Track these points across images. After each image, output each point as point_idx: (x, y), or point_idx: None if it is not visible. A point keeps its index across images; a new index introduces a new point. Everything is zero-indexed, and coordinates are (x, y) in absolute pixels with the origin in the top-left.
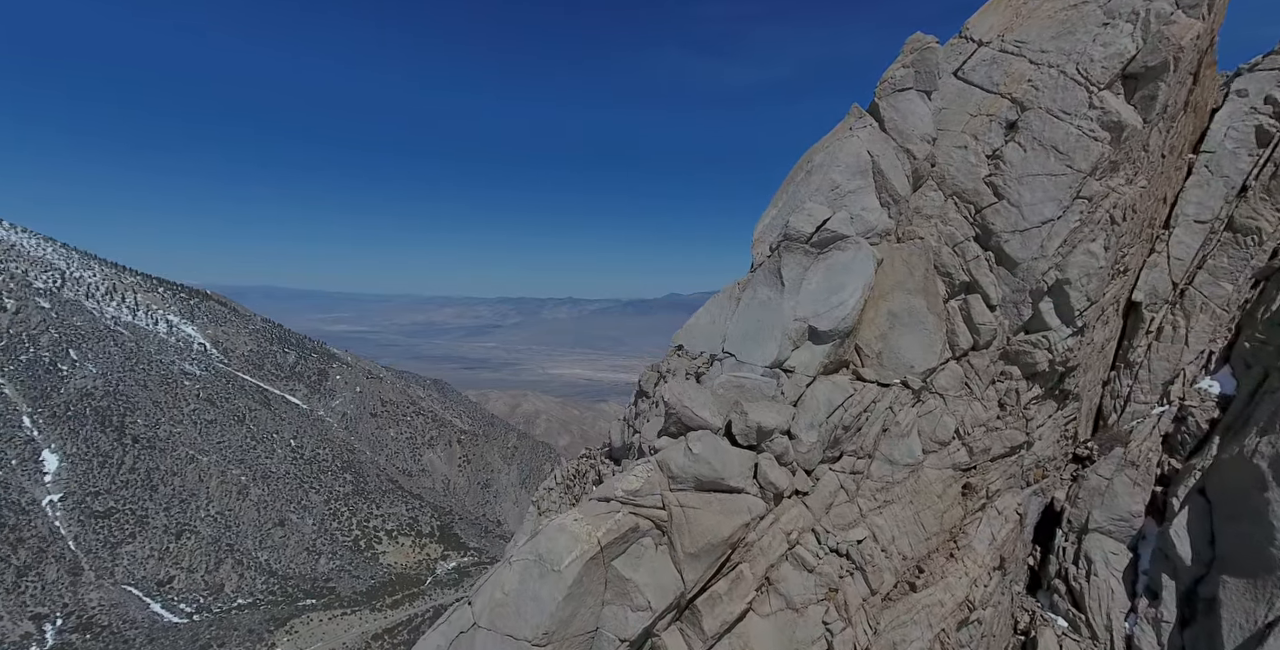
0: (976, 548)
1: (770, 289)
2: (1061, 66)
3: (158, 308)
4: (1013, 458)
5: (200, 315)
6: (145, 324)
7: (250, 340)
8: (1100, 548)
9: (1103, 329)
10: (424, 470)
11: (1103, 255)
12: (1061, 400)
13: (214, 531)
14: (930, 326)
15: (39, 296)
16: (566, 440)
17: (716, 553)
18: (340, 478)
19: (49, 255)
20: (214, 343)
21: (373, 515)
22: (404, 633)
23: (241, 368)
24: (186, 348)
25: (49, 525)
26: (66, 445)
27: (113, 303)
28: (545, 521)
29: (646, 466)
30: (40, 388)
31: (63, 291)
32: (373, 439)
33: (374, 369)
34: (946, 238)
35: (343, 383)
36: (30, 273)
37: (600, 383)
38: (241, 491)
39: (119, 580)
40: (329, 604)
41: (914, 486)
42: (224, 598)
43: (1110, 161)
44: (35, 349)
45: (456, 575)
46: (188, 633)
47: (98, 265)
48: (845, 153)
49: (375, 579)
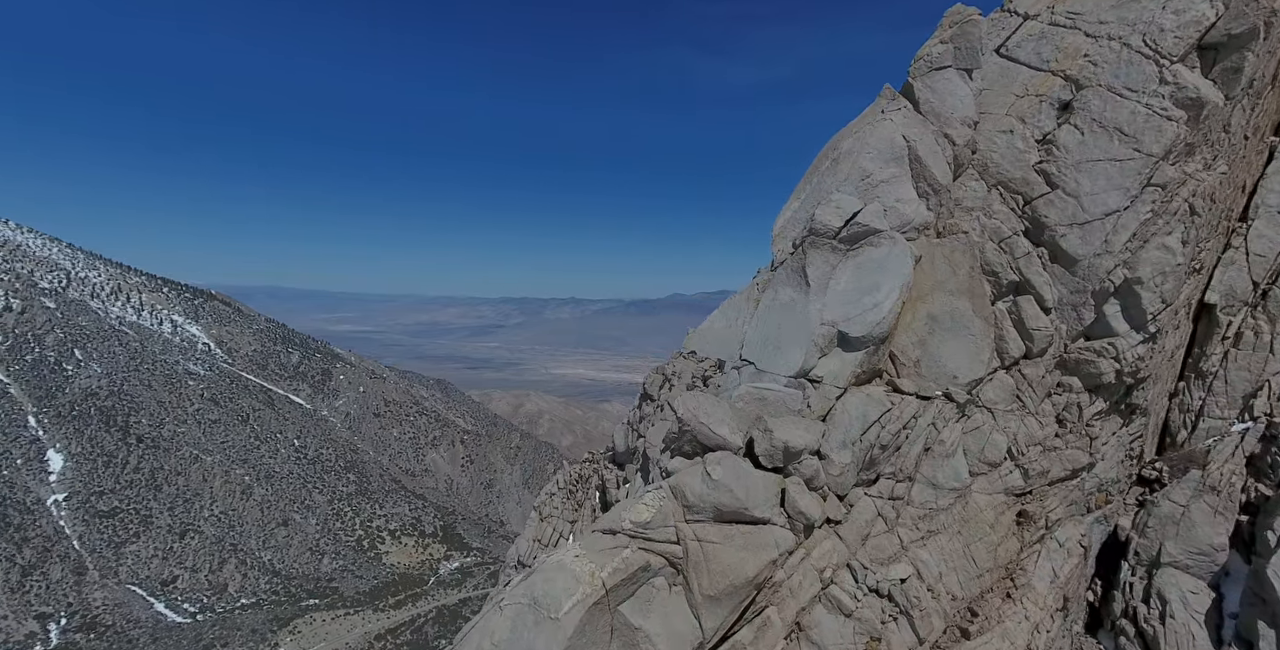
0: (1036, 586)
1: (794, 290)
2: (1124, 38)
3: (162, 308)
4: (1074, 481)
5: (204, 315)
6: (150, 324)
7: (254, 340)
8: (1176, 585)
9: (1173, 335)
10: (427, 470)
11: (1180, 251)
12: (1127, 416)
13: (218, 531)
14: (976, 332)
15: (44, 296)
16: (569, 440)
17: (740, 595)
18: (344, 478)
19: (54, 255)
20: (218, 343)
21: (376, 515)
22: (407, 633)
23: (245, 367)
24: (191, 348)
25: (54, 525)
26: (71, 445)
27: (118, 303)
28: (542, 557)
29: (658, 494)
30: (45, 387)
31: (68, 291)
32: (376, 439)
33: (377, 369)
34: (991, 232)
35: (346, 383)
36: (36, 272)
37: (603, 383)
38: (245, 491)
39: (123, 580)
40: (332, 604)
41: (962, 514)
42: (227, 597)
43: (1186, 144)
44: (41, 349)
45: (459, 575)
46: (191, 632)
47: (103, 265)
48: (877, 138)
49: (378, 579)
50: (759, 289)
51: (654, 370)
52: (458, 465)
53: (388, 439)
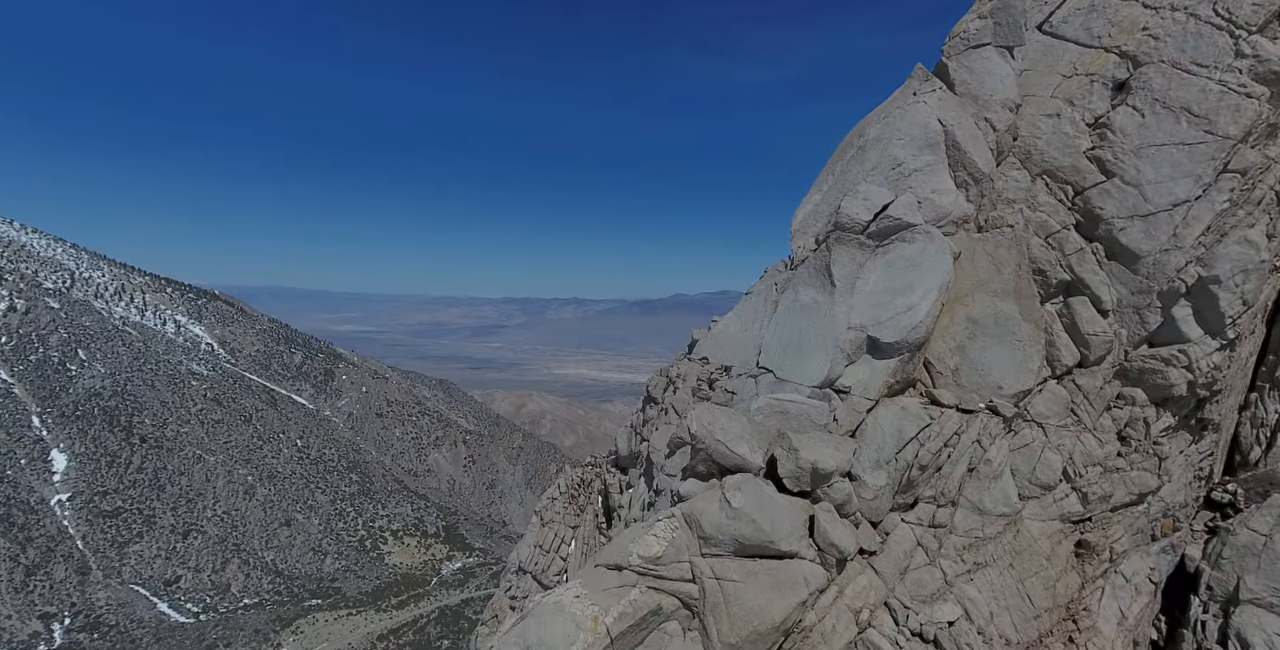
0: (1102, 629)
1: (817, 290)
2: (1192, 8)
3: (165, 308)
4: (1139, 507)
5: (208, 315)
6: (153, 324)
7: (257, 340)
8: (1259, 626)
9: (1249, 340)
10: (429, 470)
11: (1265, 245)
12: (1197, 431)
13: (220, 531)
14: (1024, 337)
15: (49, 297)
16: (572, 440)
17: (765, 643)
18: (346, 478)
19: (59, 256)
20: (221, 343)
21: (378, 515)
22: (409, 633)
23: (248, 368)
24: (194, 348)
25: (57, 524)
26: (75, 445)
27: (121, 303)
28: (536, 598)
29: (670, 524)
30: (49, 387)
31: (72, 292)
32: (378, 439)
33: (380, 369)
34: (1037, 226)
35: (349, 383)
36: (40, 273)
37: (605, 383)
38: (248, 491)
39: (126, 580)
40: (334, 604)
41: (1013, 544)
42: (230, 597)
43: (1269, 124)
44: (45, 349)
45: (461, 576)
46: (194, 632)
47: (107, 266)
48: (909, 123)
49: (380, 579)
50: (777, 289)
51: (657, 373)
52: (460, 465)
53: (390, 439)
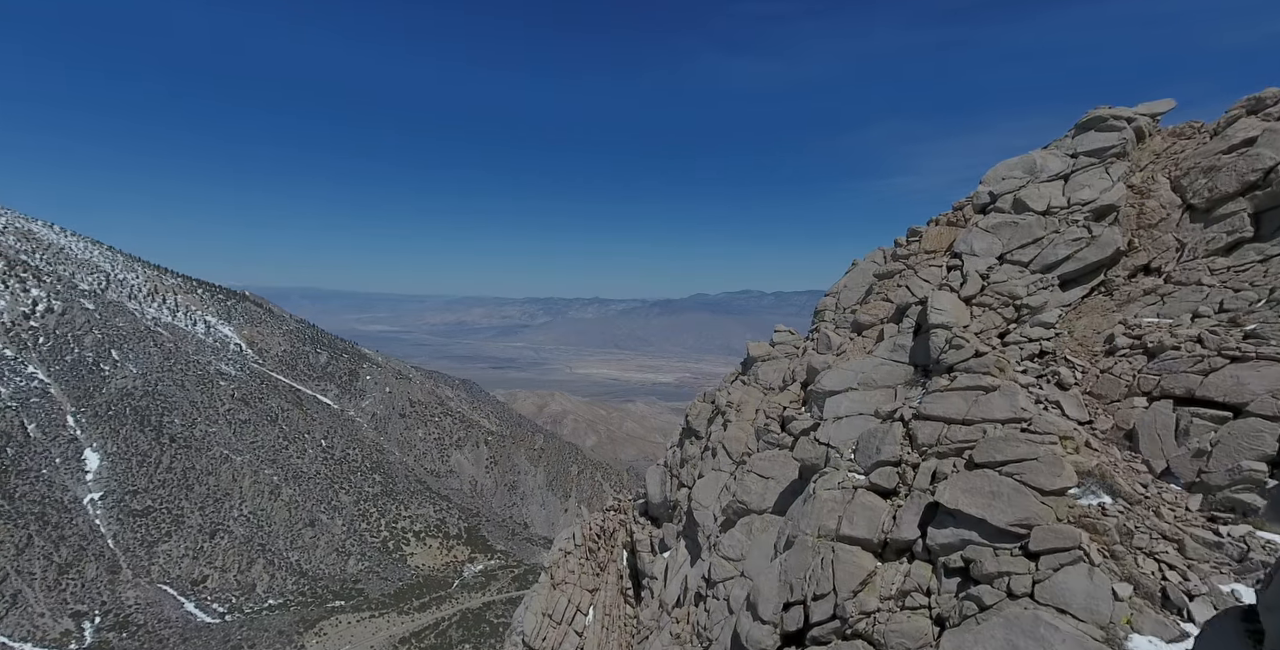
0: None
1: None
2: None
3: (196, 309)
4: None
5: (236, 316)
6: (184, 325)
7: (284, 340)
8: None
9: None
10: (451, 471)
11: None
12: None
13: (246, 531)
14: None
15: (84, 298)
16: (593, 440)
17: None
18: (369, 478)
19: (95, 257)
20: (249, 343)
21: (401, 516)
22: (430, 637)
23: (275, 368)
24: (223, 348)
25: (89, 523)
26: (107, 444)
27: (154, 304)
28: None
29: None
30: (84, 387)
31: (107, 293)
32: (401, 439)
33: (403, 369)
34: None
35: (372, 383)
36: (77, 275)
37: (627, 382)
38: (274, 491)
39: (155, 579)
40: (357, 605)
41: None
42: (255, 598)
43: None
44: (80, 349)
45: (483, 578)
46: (220, 633)
47: (141, 267)
48: None
49: (403, 581)
50: None
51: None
52: (482, 466)
53: (413, 439)
